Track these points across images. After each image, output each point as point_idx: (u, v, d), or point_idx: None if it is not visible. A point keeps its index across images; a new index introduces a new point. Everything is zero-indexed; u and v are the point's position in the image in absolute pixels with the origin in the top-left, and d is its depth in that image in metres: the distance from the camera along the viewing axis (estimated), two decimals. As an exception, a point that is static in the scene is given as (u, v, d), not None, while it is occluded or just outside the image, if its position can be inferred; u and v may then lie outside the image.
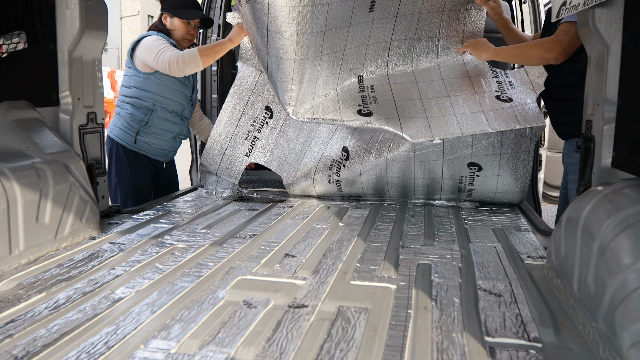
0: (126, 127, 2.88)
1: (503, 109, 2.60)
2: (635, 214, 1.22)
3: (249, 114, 2.99)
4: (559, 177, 2.89)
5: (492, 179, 2.67)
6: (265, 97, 2.97)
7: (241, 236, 2.12)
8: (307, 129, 2.96)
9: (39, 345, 1.21)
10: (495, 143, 2.55)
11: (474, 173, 2.65)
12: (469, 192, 2.75)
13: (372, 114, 2.62)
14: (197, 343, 1.22)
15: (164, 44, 2.74)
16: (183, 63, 2.66)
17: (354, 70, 2.78)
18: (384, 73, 2.86)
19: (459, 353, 1.18)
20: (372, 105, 2.68)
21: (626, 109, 1.65)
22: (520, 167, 2.62)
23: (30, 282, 1.61)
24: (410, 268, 1.74)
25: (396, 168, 2.69)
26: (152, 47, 2.73)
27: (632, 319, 1.06)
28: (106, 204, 2.44)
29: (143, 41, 2.79)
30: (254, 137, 3.00)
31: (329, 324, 1.31)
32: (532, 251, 1.94)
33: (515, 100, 2.62)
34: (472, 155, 2.59)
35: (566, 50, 2.24)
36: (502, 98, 2.65)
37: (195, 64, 2.69)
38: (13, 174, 1.78)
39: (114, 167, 2.93)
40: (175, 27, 2.89)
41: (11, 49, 2.01)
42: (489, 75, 2.78)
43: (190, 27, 2.92)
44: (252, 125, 3.00)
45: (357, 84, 2.80)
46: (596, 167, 1.81)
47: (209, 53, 2.73)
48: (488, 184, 2.69)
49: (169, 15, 2.89)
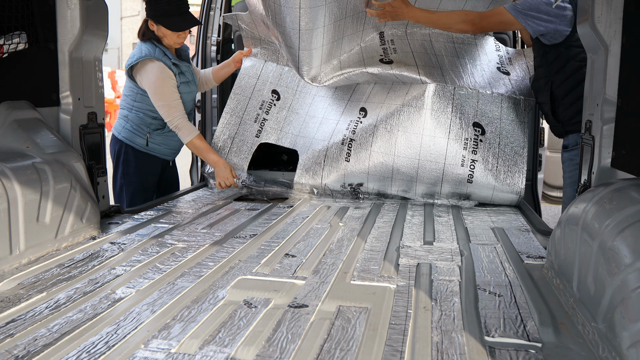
0: (137, 130, 2.87)
1: (501, 79, 2.93)
2: (634, 214, 1.23)
3: (256, 99, 3.18)
4: (558, 177, 2.91)
5: (493, 155, 2.74)
6: (271, 82, 3.18)
7: (241, 236, 2.12)
8: (320, 104, 3.14)
9: (40, 345, 1.21)
10: (496, 106, 2.81)
11: (478, 137, 2.74)
12: (471, 164, 2.72)
13: (392, 62, 2.92)
14: (197, 343, 1.22)
15: (171, 91, 2.76)
16: (177, 130, 2.79)
17: (376, 27, 3.01)
18: (403, 31, 3.09)
19: (459, 353, 1.18)
20: (393, 54, 2.97)
21: (626, 109, 1.65)
22: (519, 138, 2.78)
23: (30, 281, 1.62)
24: (410, 268, 1.74)
25: (407, 116, 2.82)
26: (158, 92, 2.74)
27: (632, 318, 1.06)
28: (107, 204, 2.44)
29: (148, 69, 2.73)
30: (262, 119, 3.17)
31: (329, 324, 1.32)
32: (532, 251, 1.94)
33: (511, 75, 2.94)
34: (476, 115, 2.78)
35: (484, 29, 2.61)
36: (502, 70, 2.99)
37: (184, 139, 2.83)
38: (14, 173, 1.78)
39: (120, 168, 2.92)
40: (164, 35, 2.80)
41: (12, 49, 2.01)
42: (493, 47, 3.12)
43: (180, 32, 2.84)
44: (260, 108, 3.19)
45: (378, 38, 3.06)
46: (596, 167, 1.81)
47: (197, 146, 2.86)
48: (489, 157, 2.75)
49: (154, 23, 2.79)
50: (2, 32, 1.98)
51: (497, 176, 2.70)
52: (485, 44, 3.12)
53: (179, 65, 2.86)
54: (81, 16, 2.19)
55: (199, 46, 3.66)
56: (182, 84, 2.87)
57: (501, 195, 2.73)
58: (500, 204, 2.76)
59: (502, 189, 2.71)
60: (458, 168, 2.72)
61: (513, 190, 2.69)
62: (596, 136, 1.82)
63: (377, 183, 2.88)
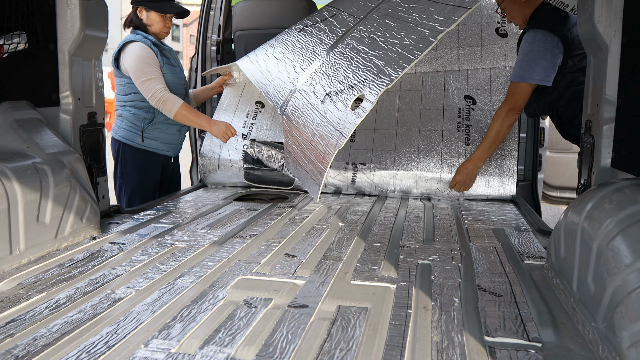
0: (131, 127, 2.89)
1: (497, 45, 3.00)
2: (634, 213, 1.23)
3: (242, 110, 3.25)
4: (558, 177, 2.91)
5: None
6: (253, 97, 3.24)
7: (241, 236, 2.12)
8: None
9: (40, 345, 1.21)
10: (485, 79, 2.97)
11: (470, 106, 2.96)
12: (467, 129, 2.92)
13: None
14: (197, 343, 1.22)
15: (150, 67, 2.74)
16: (162, 104, 2.73)
17: None
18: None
19: (459, 353, 1.18)
20: None
21: (626, 109, 1.65)
22: None
23: (30, 281, 1.62)
24: (410, 268, 1.74)
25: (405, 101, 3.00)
26: (138, 69, 2.73)
27: (632, 318, 1.06)
28: (107, 204, 2.44)
29: (128, 51, 2.78)
30: (250, 124, 3.22)
31: (329, 324, 1.32)
32: (532, 251, 1.94)
33: (509, 36, 3.00)
34: (467, 89, 2.98)
35: (523, 107, 2.59)
36: (500, 32, 3.02)
37: (169, 112, 2.75)
38: (14, 174, 1.78)
39: (119, 167, 2.94)
40: (152, 22, 2.87)
41: (12, 49, 2.01)
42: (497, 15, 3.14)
43: (167, 20, 2.91)
44: (247, 116, 3.25)
45: None
46: (596, 167, 1.81)
47: (186, 115, 2.78)
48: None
49: (144, 9, 2.85)
50: (2, 32, 1.98)
51: None
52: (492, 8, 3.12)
53: (160, 47, 2.88)
54: (81, 16, 2.19)
55: (199, 46, 3.66)
56: (165, 65, 2.89)
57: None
58: (501, 204, 2.77)
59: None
60: (454, 133, 2.93)
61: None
62: (596, 136, 1.82)
63: (381, 161, 2.97)
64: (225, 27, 3.75)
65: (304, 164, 2.28)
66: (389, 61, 1.97)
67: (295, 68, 2.49)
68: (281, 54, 2.70)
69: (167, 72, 2.88)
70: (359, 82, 2.00)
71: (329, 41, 2.47)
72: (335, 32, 2.50)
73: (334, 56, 2.35)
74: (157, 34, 2.90)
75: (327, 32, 2.55)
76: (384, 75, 1.91)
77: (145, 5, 2.84)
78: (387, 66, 1.95)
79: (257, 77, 2.76)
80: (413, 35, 2.02)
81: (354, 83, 2.03)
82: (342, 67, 2.21)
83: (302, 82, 2.38)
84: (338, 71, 2.22)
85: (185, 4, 26.68)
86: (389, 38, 2.13)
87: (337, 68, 2.24)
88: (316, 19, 2.77)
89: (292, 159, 2.51)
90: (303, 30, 2.74)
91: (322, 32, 2.59)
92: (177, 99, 2.76)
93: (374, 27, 2.30)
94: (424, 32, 1.98)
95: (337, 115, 2.00)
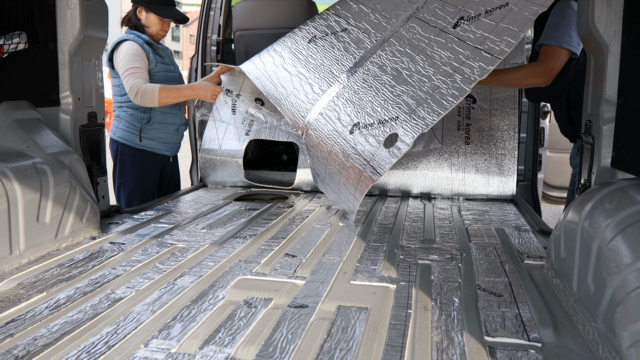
0: (129, 127, 2.89)
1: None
2: (634, 214, 1.23)
3: (240, 108, 3.18)
4: (558, 177, 2.91)
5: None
6: (252, 93, 3.14)
7: (241, 236, 2.12)
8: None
9: (40, 345, 1.21)
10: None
11: (470, 105, 2.92)
12: (467, 127, 2.88)
13: None
14: (197, 343, 1.22)
15: (135, 63, 2.73)
16: (141, 97, 2.70)
17: None
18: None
19: (459, 353, 1.18)
20: None
21: (626, 109, 1.65)
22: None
23: (30, 281, 1.62)
24: (410, 268, 1.74)
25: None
26: (123, 62, 2.74)
27: (632, 318, 1.06)
28: (106, 204, 2.44)
29: (119, 50, 2.79)
30: (250, 121, 3.17)
31: (329, 324, 1.32)
32: (532, 251, 1.94)
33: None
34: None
35: (555, 75, 2.34)
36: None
37: (151, 101, 2.73)
38: (14, 174, 1.78)
39: (117, 167, 2.94)
40: (150, 24, 2.88)
41: (12, 49, 2.01)
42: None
43: (165, 24, 2.93)
44: (247, 112, 3.18)
45: None
46: (596, 167, 1.81)
47: (168, 95, 2.75)
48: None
49: (144, 10, 2.87)
50: (2, 32, 1.98)
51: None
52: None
53: (153, 45, 2.89)
54: (81, 16, 2.19)
55: (199, 46, 3.66)
56: (159, 64, 2.90)
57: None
58: (501, 204, 2.77)
59: None
60: (455, 132, 2.92)
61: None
62: (596, 136, 1.82)
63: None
64: (225, 27, 3.75)
65: (333, 174, 2.29)
66: (420, 102, 1.94)
67: (313, 87, 2.45)
68: (293, 67, 2.64)
69: (160, 70, 2.88)
70: (390, 119, 1.97)
71: (346, 62, 2.42)
72: (352, 53, 2.43)
73: (356, 82, 2.30)
74: (153, 36, 2.91)
75: (342, 51, 2.49)
76: (417, 117, 1.89)
77: (146, 6, 2.86)
78: (419, 107, 1.91)
79: (268, 89, 2.70)
80: (441, 76, 1.98)
81: (384, 119, 2.01)
82: (368, 97, 2.17)
83: (323, 104, 2.35)
84: (363, 101, 2.19)
85: (185, 3, 26.81)
86: (415, 73, 2.08)
87: (361, 97, 2.21)
88: (324, 29, 2.66)
89: (319, 164, 2.47)
90: (313, 42, 2.66)
91: (336, 50, 2.52)
92: (153, 85, 2.73)
93: (396, 57, 2.24)
94: (454, 75, 1.93)
95: (368, 150, 2.00)
